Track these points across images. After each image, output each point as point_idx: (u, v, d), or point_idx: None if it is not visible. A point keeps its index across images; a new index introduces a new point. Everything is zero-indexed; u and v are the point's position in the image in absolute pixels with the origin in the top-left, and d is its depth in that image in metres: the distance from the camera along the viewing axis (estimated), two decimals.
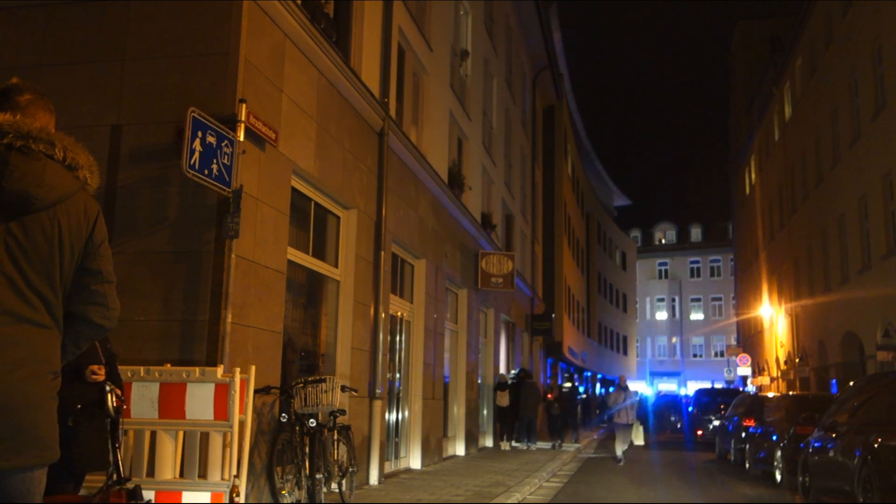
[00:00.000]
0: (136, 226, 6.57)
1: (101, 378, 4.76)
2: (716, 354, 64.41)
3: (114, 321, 2.53)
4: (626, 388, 16.47)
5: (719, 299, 66.30)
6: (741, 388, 32.73)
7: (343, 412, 7.97)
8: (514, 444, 18.46)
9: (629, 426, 15.82)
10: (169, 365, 5.73)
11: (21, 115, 2.39)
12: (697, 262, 68.29)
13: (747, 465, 14.60)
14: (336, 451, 7.75)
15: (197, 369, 5.55)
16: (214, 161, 6.21)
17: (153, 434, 5.54)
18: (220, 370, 5.57)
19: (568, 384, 29.70)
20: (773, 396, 16.62)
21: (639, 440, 16.07)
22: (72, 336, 2.45)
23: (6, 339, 2.19)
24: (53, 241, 2.32)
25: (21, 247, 2.26)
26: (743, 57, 42.46)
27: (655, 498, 10.73)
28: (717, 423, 20.61)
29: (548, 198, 31.48)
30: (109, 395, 4.63)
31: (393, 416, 11.64)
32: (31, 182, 2.27)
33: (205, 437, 5.60)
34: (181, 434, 5.60)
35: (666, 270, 69.29)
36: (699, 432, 23.18)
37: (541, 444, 18.61)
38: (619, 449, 15.86)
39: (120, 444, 4.79)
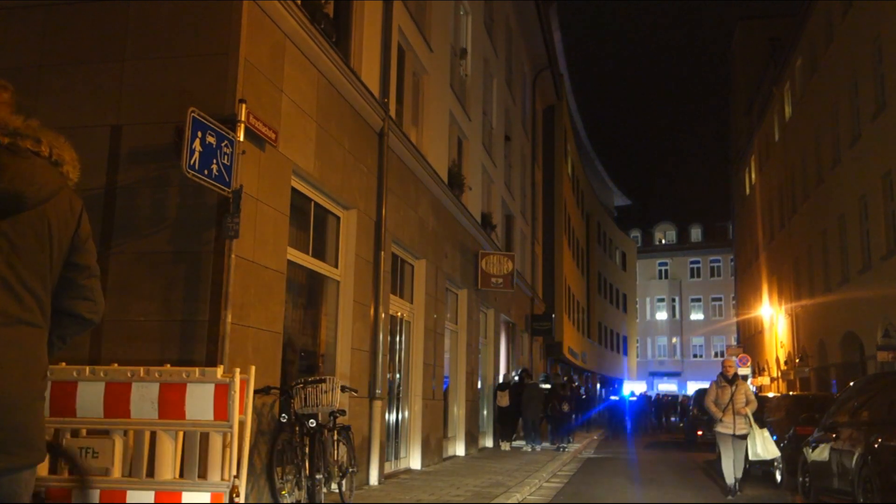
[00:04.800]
0: (136, 226, 6.56)
1: None
2: (716, 354, 64.36)
3: (100, 315, 2.53)
4: (732, 380, 10.57)
5: (719, 299, 66.34)
6: None
7: (343, 412, 7.97)
8: (514, 444, 18.45)
9: (742, 438, 10.45)
10: (169, 365, 5.72)
11: (4, 111, 2.35)
12: (697, 262, 68.32)
13: (747, 466, 14.57)
14: (336, 452, 7.75)
15: (197, 370, 5.54)
16: (214, 161, 6.21)
17: (153, 434, 5.53)
18: (219, 370, 5.56)
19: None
20: (773, 396, 16.60)
21: (768, 451, 10.53)
22: (58, 332, 2.44)
23: (1, 341, 2.16)
24: (43, 238, 2.29)
25: (13, 247, 2.23)
26: (743, 57, 42.47)
27: (655, 498, 10.72)
28: None
29: (548, 198, 31.48)
30: None
31: (393, 417, 11.64)
32: (23, 181, 2.23)
33: (205, 438, 5.58)
34: (181, 434, 5.58)
35: (666, 270, 69.32)
36: (699, 432, 23.14)
37: (545, 445, 18.62)
38: (728, 472, 10.63)
39: None
